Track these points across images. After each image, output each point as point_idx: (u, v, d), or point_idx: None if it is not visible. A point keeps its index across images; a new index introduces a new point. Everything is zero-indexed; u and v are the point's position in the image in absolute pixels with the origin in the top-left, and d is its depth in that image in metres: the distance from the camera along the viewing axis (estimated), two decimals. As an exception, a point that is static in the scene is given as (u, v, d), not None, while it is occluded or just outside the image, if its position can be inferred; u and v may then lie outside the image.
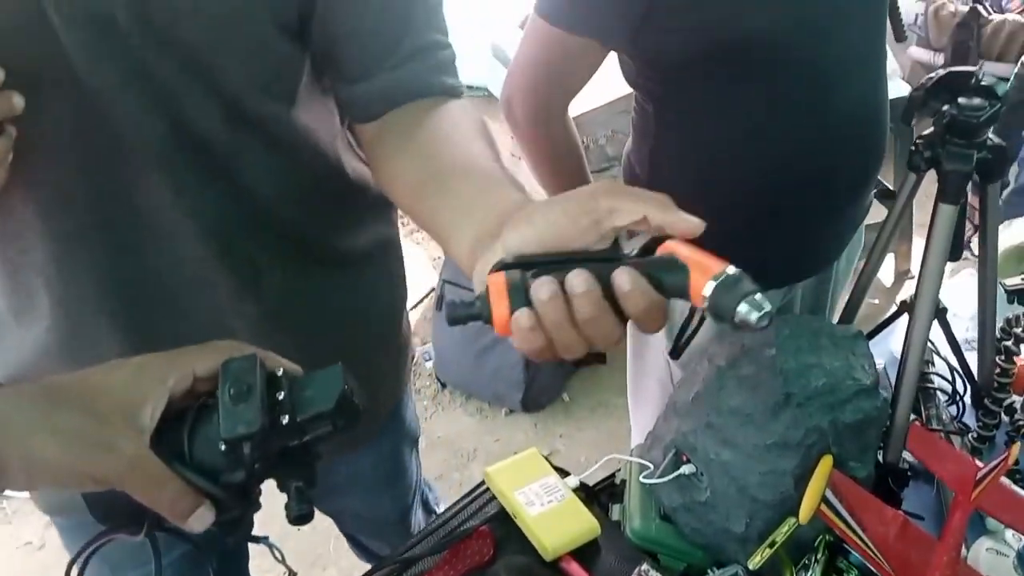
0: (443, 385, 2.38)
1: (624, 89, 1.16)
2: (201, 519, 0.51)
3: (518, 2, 2.28)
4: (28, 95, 0.62)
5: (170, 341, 0.56)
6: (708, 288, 0.47)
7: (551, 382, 2.31)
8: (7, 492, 1.99)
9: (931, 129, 0.88)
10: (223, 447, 0.50)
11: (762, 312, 0.46)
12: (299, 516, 0.52)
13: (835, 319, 1.25)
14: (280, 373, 0.53)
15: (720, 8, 0.97)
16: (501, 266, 0.50)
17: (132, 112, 0.68)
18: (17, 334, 0.81)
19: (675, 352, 1.14)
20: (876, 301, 2.49)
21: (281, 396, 0.52)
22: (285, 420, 0.51)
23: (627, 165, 1.22)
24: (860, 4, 1.05)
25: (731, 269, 0.48)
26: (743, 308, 0.46)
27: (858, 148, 1.12)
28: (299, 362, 0.57)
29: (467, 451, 2.20)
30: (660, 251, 0.51)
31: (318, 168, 0.83)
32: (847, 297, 1.14)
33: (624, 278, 0.48)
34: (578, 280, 0.48)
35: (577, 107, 1.20)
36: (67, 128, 0.68)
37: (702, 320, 1.12)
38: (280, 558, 0.61)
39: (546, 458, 0.98)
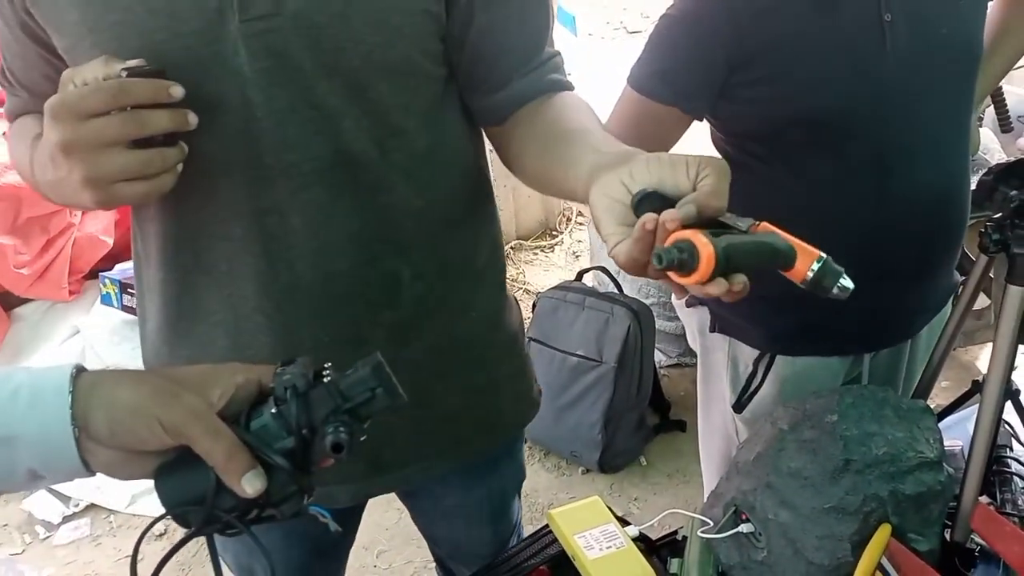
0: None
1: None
2: (253, 482, 0.57)
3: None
4: (204, 114, 0.72)
5: (309, 345, 0.64)
6: (812, 269, 0.60)
7: (629, 444, 2.33)
8: (113, 507, 2.13)
9: (1001, 213, 0.91)
10: (273, 410, 0.57)
11: (849, 290, 0.61)
12: (335, 443, 0.57)
13: (909, 396, 1.25)
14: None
15: (794, 85, 1.05)
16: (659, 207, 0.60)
17: (296, 134, 0.78)
18: (175, 339, 0.90)
19: (739, 406, 1.17)
20: (945, 384, 2.40)
21: (326, 374, 0.60)
22: (327, 378, 0.58)
23: None
24: (934, 89, 1.08)
25: (823, 254, 0.60)
26: (836, 289, 0.61)
27: (926, 230, 1.14)
28: (430, 373, 0.64)
29: (541, 505, 2.23)
30: (759, 230, 0.62)
31: (455, 176, 0.91)
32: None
33: None
34: None
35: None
36: (237, 146, 0.78)
37: (766, 374, 1.15)
38: (331, 527, 0.63)
39: (608, 507, 1.02)
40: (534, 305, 2.42)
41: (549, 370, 2.26)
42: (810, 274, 0.60)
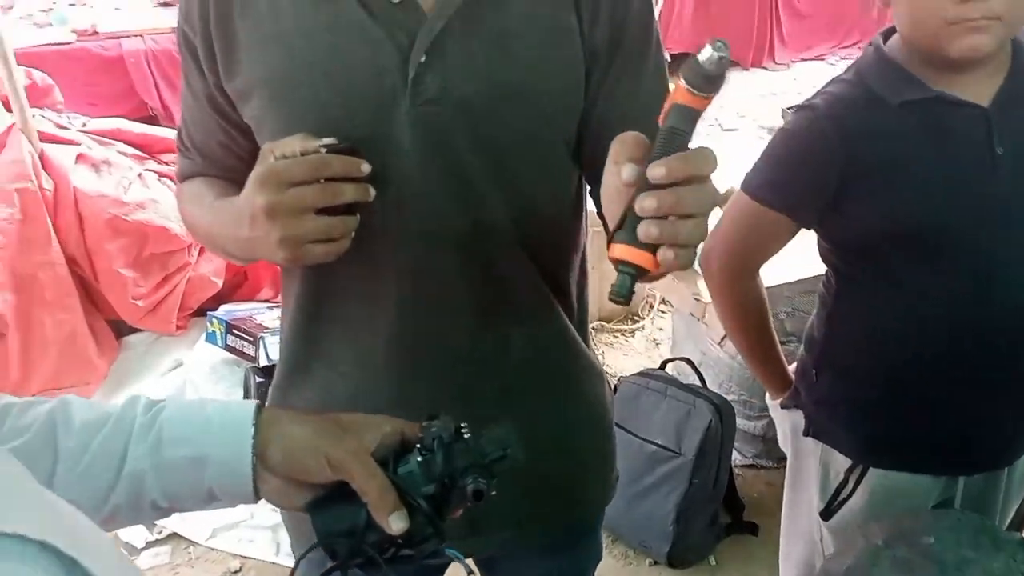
0: (591, 523, 2.42)
1: (811, 270, 1.28)
2: (399, 521, 0.63)
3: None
4: (377, 188, 0.81)
5: (424, 399, 0.71)
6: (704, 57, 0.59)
7: (700, 541, 2.30)
8: (194, 538, 2.21)
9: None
10: (419, 457, 0.64)
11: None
12: (476, 491, 0.64)
13: (1004, 527, 1.23)
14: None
15: (902, 203, 1.09)
16: None
17: (442, 205, 0.87)
18: (301, 381, 0.99)
19: (827, 513, 1.18)
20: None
21: (464, 431, 0.67)
22: (466, 435, 0.65)
23: (808, 328, 1.33)
24: None
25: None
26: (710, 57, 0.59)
27: None
28: (527, 439, 0.70)
29: (605, 593, 2.22)
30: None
31: (568, 249, 0.98)
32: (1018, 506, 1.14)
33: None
34: None
35: (765, 278, 1.33)
36: (390, 213, 0.86)
37: (857, 484, 1.15)
38: (467, 569, 0.70)
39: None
40: (615, 388, 2.45)
41: (626, 455, 2.27)
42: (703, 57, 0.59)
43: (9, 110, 2.66)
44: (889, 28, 1.14)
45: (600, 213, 0.80)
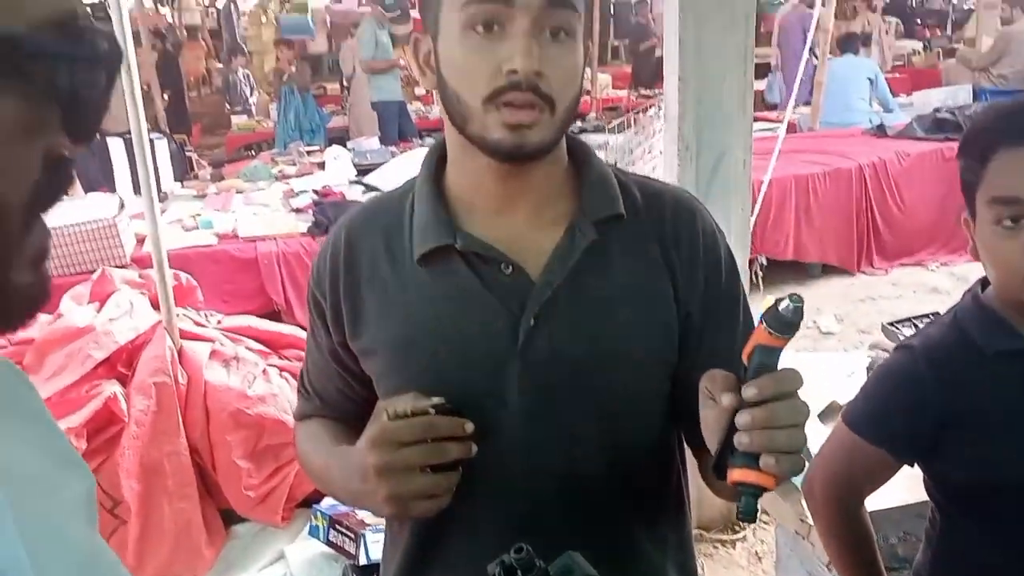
0: None
1: (922, 494, 1.28)
2: None
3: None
4: (477, 439, 0.88)
5: None
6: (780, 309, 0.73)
7: None
8: None
9: None
10: None
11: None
12: None
13: None
14: None
15: (997, 451, 1.09)
16: None
17: (545, 457, 0.93)
18: None
19: None
20: None
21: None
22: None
23: (916, 565, 1.30)
24: None
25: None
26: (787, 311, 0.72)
27: None
28: None
29: None
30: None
31: (665, 484, 1.03)
32: None
33: None
34: None
35: (874, 502, 1.32)
36: (495, 462, 0.92)
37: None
38: None
39: None
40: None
41: None
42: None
43: (156, 308, 2.96)
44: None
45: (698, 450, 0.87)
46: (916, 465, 1.22)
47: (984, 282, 1.19)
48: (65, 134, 0.42)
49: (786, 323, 0.73)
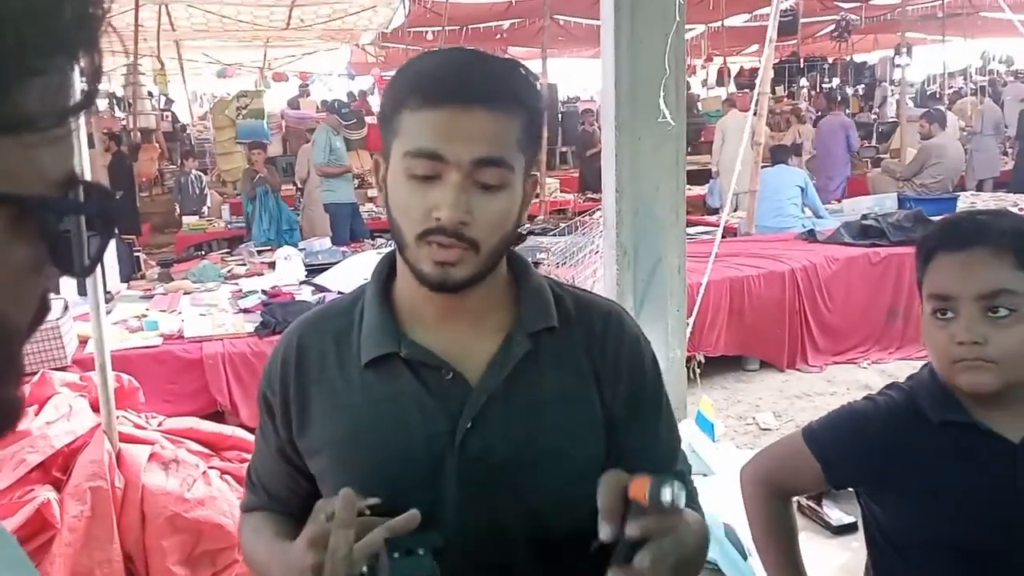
0: None
1: None
2: None
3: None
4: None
5: None
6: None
7: None
8: None
9: None
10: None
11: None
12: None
13: None
14: None
15: (933, 511, 1.21)
16: None
17: (477, 548, 0.98)
18: None
19: None
20: None
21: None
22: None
23: None
24: None
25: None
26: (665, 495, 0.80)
27: None
28: None
29: None
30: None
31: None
32: None
33: None
34: None
35: None
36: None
37: None
38: None
39: None
40: None
41: None
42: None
43: (96, 411, 2.93)
44: None
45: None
46: (861, 507, 1.33)
47: None
48: (60, 272, 0.50)
49: (658, 504, 0.82)
